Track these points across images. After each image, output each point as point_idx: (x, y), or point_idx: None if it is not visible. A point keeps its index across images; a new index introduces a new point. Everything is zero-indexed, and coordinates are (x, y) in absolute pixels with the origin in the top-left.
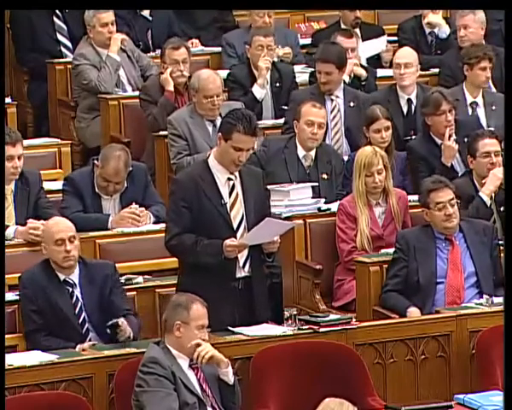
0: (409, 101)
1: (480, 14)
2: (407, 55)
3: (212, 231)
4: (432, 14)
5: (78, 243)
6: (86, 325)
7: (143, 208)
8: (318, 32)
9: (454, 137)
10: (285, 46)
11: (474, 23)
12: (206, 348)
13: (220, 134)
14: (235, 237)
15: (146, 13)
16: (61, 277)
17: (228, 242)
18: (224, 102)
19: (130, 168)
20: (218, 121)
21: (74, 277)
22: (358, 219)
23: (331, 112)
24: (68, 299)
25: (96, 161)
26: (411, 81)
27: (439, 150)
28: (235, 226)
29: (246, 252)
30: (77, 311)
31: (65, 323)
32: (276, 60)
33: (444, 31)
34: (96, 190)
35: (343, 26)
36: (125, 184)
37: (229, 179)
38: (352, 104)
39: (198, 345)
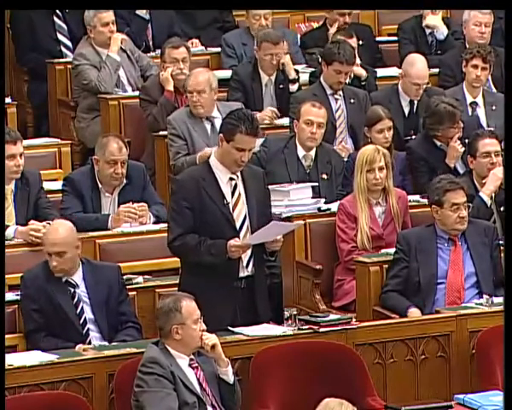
0: (411, 102)
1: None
2: (424, 74)
3: (215, 231)
4: (430, 16)
5: (75, 251)
6: (87, 326)
7: (144, 204)
8: (308, 34)
9: (458, 135)
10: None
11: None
12: (210, 337)
13: (222, 135)
14: (238, 237)
15: (143, 13)
16: (63, 278)
17: (232, 242)
18: (223, 102)
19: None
20: (216, 121)
21: (76, 277)
22: (359, 216)
23: (336, 111)
24: (69, 299)
25: (94, 157)
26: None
27: (439, 151)
28: (237, 226)
29: (249, 251)
30: (78, 311)
31: (66, 323)
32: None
33: (441, 32)
34: (100, 186)
35: (330, 28)
36: (125, 181)
37: (231, 179)
38: (352, 101)
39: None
